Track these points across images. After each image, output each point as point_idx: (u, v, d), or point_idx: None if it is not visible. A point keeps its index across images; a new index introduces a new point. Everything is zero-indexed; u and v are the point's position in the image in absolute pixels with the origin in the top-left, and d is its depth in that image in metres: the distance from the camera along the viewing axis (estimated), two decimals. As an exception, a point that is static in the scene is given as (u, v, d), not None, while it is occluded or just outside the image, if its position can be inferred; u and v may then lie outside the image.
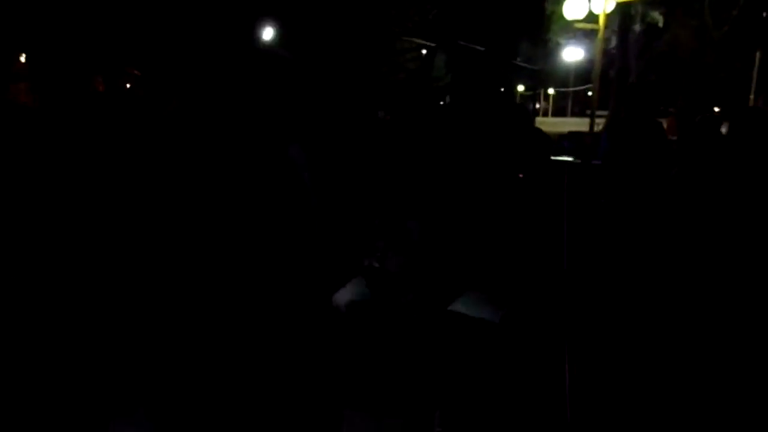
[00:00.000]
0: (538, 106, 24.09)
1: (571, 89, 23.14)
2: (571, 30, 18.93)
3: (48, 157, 2.45)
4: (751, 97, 16.36)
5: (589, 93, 18.50)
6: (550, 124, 18.56)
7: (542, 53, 21.03)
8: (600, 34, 11.50)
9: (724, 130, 4.24)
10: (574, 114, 23.35)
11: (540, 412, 2.61)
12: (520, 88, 23.62)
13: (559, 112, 23.82)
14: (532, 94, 23.20)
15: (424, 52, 22.46)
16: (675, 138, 6.92)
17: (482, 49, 17.76)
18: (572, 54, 19.88)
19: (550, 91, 23.95)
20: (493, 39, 18.46)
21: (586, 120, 13.73)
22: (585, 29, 14.64)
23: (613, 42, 18.41)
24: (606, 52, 15.90)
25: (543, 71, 21.05)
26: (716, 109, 13.71)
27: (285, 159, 1.78)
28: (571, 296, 2.93)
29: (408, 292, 2.87)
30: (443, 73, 22.92)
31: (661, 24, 18.30)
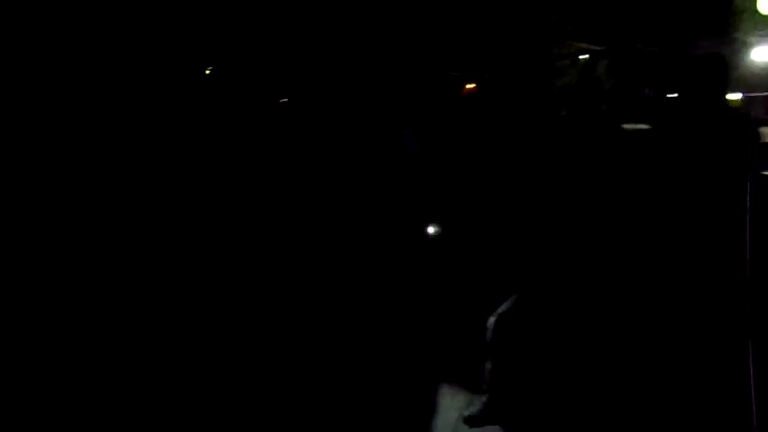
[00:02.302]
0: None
1: (760, 94, 20.27)
2: (765, 27, 16.61)
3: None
4: None
5: (785, 98, 16.10)
6: (733, 134, 16.36)
7: (726, 55, 18.69)
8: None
9: None
10: (764, 122, 20.47)
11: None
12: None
13: (744, 120, 21.12)
14: (710, 100, 20.68)
15: (584, 57, 21.23)
16: None
17: (657, 50, 16.31)
18: (763, 54, 17.43)
19: (734, 96, 21.22)
20: (669, 40, 16.83)
21: (784, 129, 11.80)
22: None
23: (820, 39, 15.84)
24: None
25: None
26: None
27: (395, 138, 2.22)
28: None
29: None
30: (605, 79, 21.48)
31: None
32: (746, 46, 19.05)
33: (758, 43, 17.82)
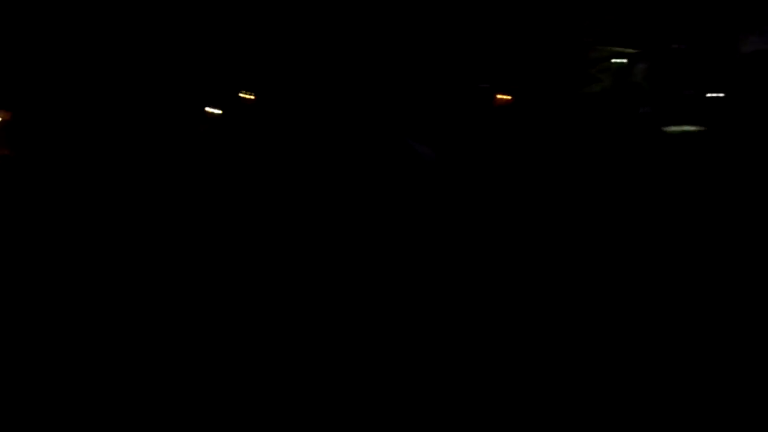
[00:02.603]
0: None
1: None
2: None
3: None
4: None
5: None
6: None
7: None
8: None
9: None
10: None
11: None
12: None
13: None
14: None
15: (620, 60, 20.82)
16: None
17: (694, 49, 15.79)
18: (814, 47, 16.60)
19: (783, 93, 20.34)
20: (710, 37, 16.25)
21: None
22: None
23: None
24: None
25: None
26: None
27: (407, 148, 2.77)
28: None
29: None
30: (643, 81, 20.97)
31: None
32: (793, 40, 18.16)
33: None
